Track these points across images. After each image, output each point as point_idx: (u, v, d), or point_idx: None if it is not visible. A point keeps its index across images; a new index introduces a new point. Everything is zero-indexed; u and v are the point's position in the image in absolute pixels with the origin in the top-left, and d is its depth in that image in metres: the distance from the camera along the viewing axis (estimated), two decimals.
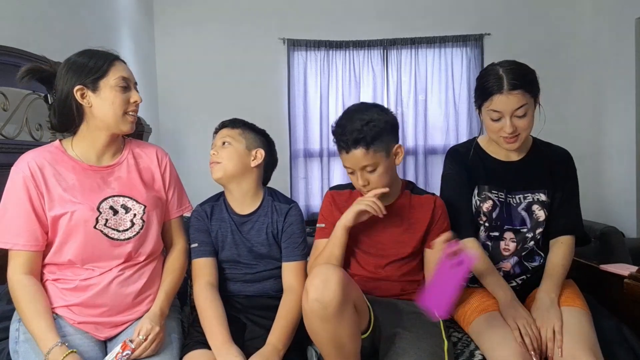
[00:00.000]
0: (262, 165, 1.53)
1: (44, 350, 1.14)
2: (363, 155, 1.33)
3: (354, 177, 1.39)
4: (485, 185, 1.53)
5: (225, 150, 1.48)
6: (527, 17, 4.14)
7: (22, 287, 1.22)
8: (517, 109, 1.40)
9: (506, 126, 1.42)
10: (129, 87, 1.32)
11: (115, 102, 1.28)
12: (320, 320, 1.14)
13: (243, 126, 1.53)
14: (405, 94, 4.17)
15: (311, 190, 4.23)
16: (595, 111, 4.04)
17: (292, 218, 1.50)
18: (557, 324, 1.31)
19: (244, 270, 1.49)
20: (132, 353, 1.18)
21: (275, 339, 1.29)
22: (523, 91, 1.40)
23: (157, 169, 1.44)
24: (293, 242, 1.48)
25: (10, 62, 1.83)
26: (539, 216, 1.51)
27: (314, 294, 1.13)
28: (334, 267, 1.18)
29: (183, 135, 4.06)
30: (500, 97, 1.41)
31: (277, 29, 4.10)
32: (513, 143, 1.45)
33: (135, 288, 1.31)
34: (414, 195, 1.49)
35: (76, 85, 1.26)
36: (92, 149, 1.33)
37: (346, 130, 1.33)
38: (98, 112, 1.29)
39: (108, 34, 3.19)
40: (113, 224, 1.29)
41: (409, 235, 1.45)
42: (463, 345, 1.40)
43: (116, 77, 1.29)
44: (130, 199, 1.33)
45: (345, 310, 1.15)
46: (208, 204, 1.55)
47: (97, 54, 1.31)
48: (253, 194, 1.52)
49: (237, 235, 1.49)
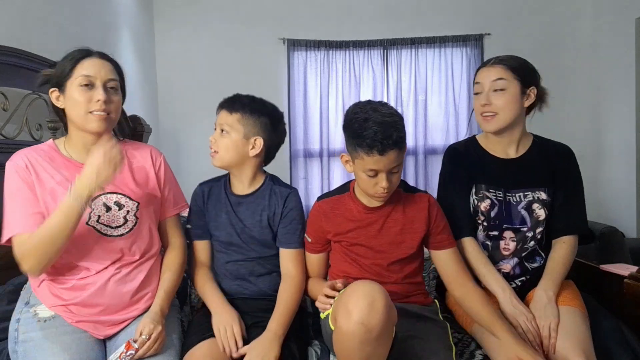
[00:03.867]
0: (264, 151, 1.47)
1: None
2: (397, 156, 1.28)
3: (374, 181, 1.30)
4: (483, 184, 1.52)
5: (223, 140, 1.44)
6: (527, 17, 4.14)
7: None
8: (494, 81, 1.46)
9: (482, 97, 1.48)
10: (92, 85, 1.28)
11: (77, 101, 1.27)
12: (360, 343, 1.08)
13: (243, 110, 1.44)
14: (405, 94, 4.17)
15: (311, 190, 4.23)
16: (595, 111, 4.04)
17: (292, 203, 1.47)
18: (553, 322, 1.32)
19: (239, 254, 1.47)
20: (135, 353, 1.18)
21: (275, 325, 1.32)
22: (504, 67, 1.47)
23: (152, 168, 1.44)
24: (292, 228, 1.46)
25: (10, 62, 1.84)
26: (540, 215, 1.50)
27: (359, 317, 1.06)
28: (379, 287, 1.11)
29: (183, 136, 4.06)
30: (483, 69, 1.52)
31: (277, 29, 4.10)
32: (490, 122, 1.49)
33: (132, 286, 1.31)
34: (407, 193, 1.45)
35: (50, 88, 1.30)
36: (83, 147, 1.33)
37: (380, 131, 1.24)
38: (69, 113, 1.30)
39: (108, 34, 3.19)
40: (106, 220, 1.29)
41: (407, 235, 1.42)
42: (463, 346, 1.40)
43: (79, 76, 1.27)
44: (123, 196, 1.33)
45: (387, 332, 1.11)
46: (208, 184, 1.55)
47: (70, 54, 1.30)
48: (253, 177, 1.50)
49: (232, 216, 1.48)
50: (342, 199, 1.46)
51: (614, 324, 1.45)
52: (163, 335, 1.26)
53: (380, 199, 1.37)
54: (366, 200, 1.42)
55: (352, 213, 1.43)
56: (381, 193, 1.32)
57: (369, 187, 1.33)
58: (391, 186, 1.32)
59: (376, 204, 1.40)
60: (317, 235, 1.47)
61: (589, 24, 4.07)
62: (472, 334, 1.43)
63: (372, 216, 1.41)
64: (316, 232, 1.47)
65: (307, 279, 1.50)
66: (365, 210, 1.42)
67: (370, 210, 1.42)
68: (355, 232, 1.42)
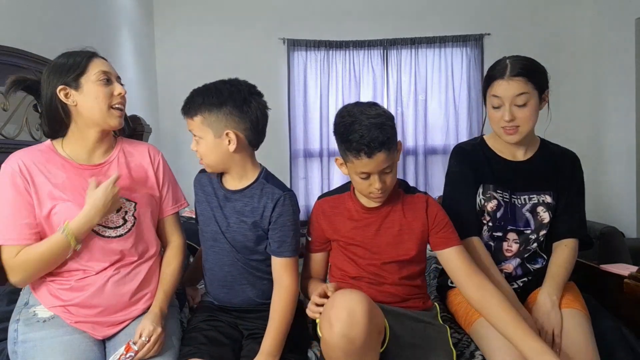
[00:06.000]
0: (244, 139, 1.36)
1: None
2: (385, 158, 1.26)
3: (367, 183, 1.31)
4: (491, 184, 1.50)
5: (200, 146, 1.36)
6: (527, 17, 4.14)
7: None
8: (517, 96, 1.40)
9: (505, 113, 1.42)
10: (110, 81, 1.32)
11: (99, 97, 1.28)
12: (345, 354, 1.08)
13: (200, 111, 1.32)
14: (405, 94, 4.17)
15: (311, 190, 4.23)
16: (595, 111, 4.04)
17: (283, 208, 1.36)
18: (557, 328, 1.31)
19: (224, 253, 1.41)
20: (135, 355, 1.18)
21: (270, 344, 1.26)
22: (525, 79, 1.40)
23: (150, 166, 1.43)
24: (283, 235, 1.36)
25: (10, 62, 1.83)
26: (544, 218, 1.49)
27: (340, 329, 1.05)
28: (358, 295, 1.10)
29: (183, 136, 4.02)
30: (501, 82, 1.42)
31: (277, 29, 4.10)
32: (512, 135, 1.44)
33: (131, 287, 1.31)
34: (407, 195, 1.44)
35: (58, 85, 1.27)
36: (83, 147, 1.33)
37: (366, 134, 1.24)
38: (83, 110, 1.29)
39: (108, 34, 3.18)
40: (104, 221, 1.29)
41: (405, 236, 1.40)
42: (463, 346, 1.39)
43: (96, 71, 1.29)
44: (120, 197, 1.33)
45: (371, 341, 1.10)
46: (206, 173, 1.47)
47: (75, 53, 1.31)
48: (244, 172, 1.41)
49: (217, 212, 1.41)
50: (342, 199, 1.46)
51: (614, 324, 1.45)
52: (163, 337, 1.25)
53: (377, 200, 1.36)
54: (365, 201, 1.41)
55: (351, 213, 1.43)
56: (376, 194, 1.32)
57: (363, 189, 1.34)
58: (385, 186, 1.31)
59: (374, 205, 1.40)
60: (317, 234, 1.47)
61: (589, 24, 4.07)
62: (470, 335, 1.42)
63: (370, 216, 1.41)
64: (316, 231, 1.47)
65: (307, 280, 1.50)
66: (363, 210, 1.42)
67: (368, 210, 1.41)
68: (353, 232, 1.41)
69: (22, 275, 1.24)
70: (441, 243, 1.39)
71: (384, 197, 1.36)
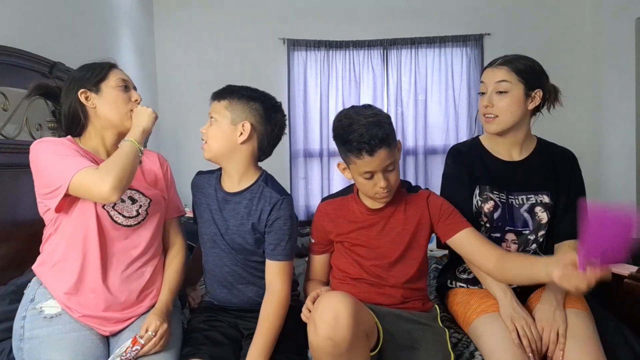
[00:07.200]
0: (256, 140, 1.39)
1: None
2: (387, 154, 1.28)
3: (372, 183, 1.31)
4: (487, 185, 1.51)
5: (211, 128, 1.39)
6: (527, 17, 4.14)
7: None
8: (498, 82, 1.45)
9: (484, 98, 1.48)
10: (128, 88, 1.42)
11: (117, 101, 1.37)
12: (331, 356, 1.08)
13: (231, 96, 1.38)
14: (405, 94, 4.17)
15: (311, 190, 4.23)
16: (595, 111, 4.04)
17: (280, 212, 1.37)
18: (562, 327, 1.30)
19: (224, 254, 1.42)
20: (141, 348, 1.21)
21: (256, 350, 1.25)
22: (508, 68, 1.46)
23: (160, 170, 1.51)
24: (278, 239, 1.37)
25: (10, 62, 1.84)
26: (542, 218, 1.48)
27: (325, 331, 1.06)
28: (343, 297, 1.11)
29: (183, 135, 4.06)
30: (487, 69, 1.51)
31: (277, 29, 4.10)
32: (490, 123, 1.48)
33: (138, 285, 1.35)
34: (409, 194, 1.45)
35: (79, 89, 1.36)
36: (101, 146, 1.40)
37: (365, 132, 1.25)
38: (102, 112, 1.37)
39: (108, 34, 3.19)
40: (120, 208, 1.33)
41: (410, 235, 1.41)
42: (463, 346, 1.39)
43: (116, 78, 1.39)
44: (136, 192, 1.39)
45: (358, 343, 1.10)
46: (205, 175, 1.51)
47: (96, 64, 1.42)
48: (243, 173, 1.41)
49: (216, 214, 1.42)
50: (345, 201, 1.47)
51: (614, 324, 1.45)
52: (168, 332, 1.28)
53: (383, 200, 1.36)
54: (369, 202, 1.42)
55: (354, 215, 1.44)
56: (382, 193, 1.32)
57: (369, 190, 1.34)
58: (390, 185, 1.32)
59: (379, 206, 1.40)
60: (320, 236, 1.48)
61: (589, 24, 4.07)
62: (469, 334, 1.42)
63: (374, 217, 1.42)
64: (319, 233, 1.48)
65: (307, 281, 1.51)
66: (367, 212, 1.42)
67: (372, 211, 1.42)
68: (357, 233, 1.42)
69: (110, 177, 1.16)
70: (451, 229, 1.39)
71: (390, 197, 1.36)
